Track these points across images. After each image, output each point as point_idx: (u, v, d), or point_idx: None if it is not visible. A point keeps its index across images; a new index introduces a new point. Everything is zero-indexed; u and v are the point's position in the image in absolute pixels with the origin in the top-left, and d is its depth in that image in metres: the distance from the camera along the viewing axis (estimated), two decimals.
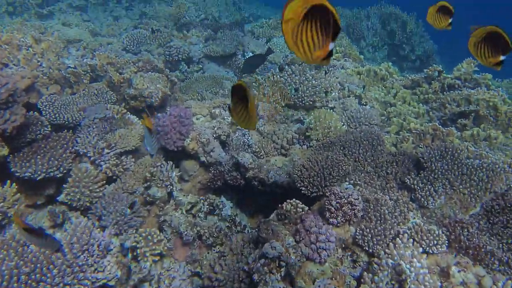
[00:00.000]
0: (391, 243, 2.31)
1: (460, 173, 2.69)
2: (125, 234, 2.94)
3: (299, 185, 2.85)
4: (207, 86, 4.80)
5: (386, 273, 2.17)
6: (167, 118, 3.16)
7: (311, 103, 4.13)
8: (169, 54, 5.32)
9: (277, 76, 4.19)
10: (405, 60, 9.00)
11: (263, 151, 3.37)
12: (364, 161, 2.99)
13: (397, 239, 2.31)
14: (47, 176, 3.12)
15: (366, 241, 2.36)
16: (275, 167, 3.25)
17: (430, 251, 2.27)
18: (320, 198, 2.87)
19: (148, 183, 3.19)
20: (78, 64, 3.89)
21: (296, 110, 4.14)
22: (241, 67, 4.30)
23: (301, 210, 2.61)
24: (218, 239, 3.12)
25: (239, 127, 3.57)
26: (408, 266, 2.14)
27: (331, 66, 4.64)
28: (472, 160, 2.76)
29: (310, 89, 4.10)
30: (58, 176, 3.17)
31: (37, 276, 2.54)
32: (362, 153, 3.02)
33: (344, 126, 3.51)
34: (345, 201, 2.43)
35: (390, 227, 2.42)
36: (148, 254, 2.85)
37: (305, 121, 3.83)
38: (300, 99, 4.10)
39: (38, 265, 2.57)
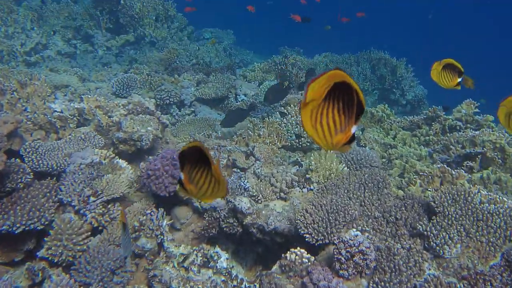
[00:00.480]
0: None
1: (476, 219, 2.52)
2: None
3: (302, 231, 2.64)
4: (199, 128, 4.67)
5: None
6: (158, 161, 2.98)
7: (308, 144, 4.01)
8: (160, 98, 5.23)
9: (273, 117, 4.10)
10: (395, 104, 9.09)
11: (261, 195, 3.19)
12: (371, 205, 2.81)
13: None
14: (26, 228, 2.86)
15: None
16: (275, 212, 3.05)
17: None
18: (325, 246, 2.66)
19: (137, 233, 2.94)
20: (65, 108, 3.75)
21: (293, 152, 4.01)
22: (264, 96, 4.25)
23: (307, 260, 2.39)
24: None
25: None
26: None
27: None
28: (486, 205, 2.60)
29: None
30: (39, 228, 2.92)
31: None
32: (368, 196, 2.86)
33: (346, 168, 3.37)
34: (356, 250, 2.22)
35: (406, 279, 2.20)
36: None
37: (302, 163, 3.68)
38: (297, 141, 3.98)
39: None
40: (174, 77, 5.76)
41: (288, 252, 2.47)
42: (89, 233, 3.00)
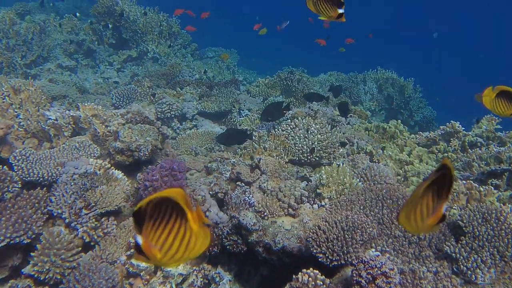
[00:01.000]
0: None
1: (511, 240, 2.28)
2: None
3: (315, 251, 2.39)
4: (201, 142, 4.47)
5: None
6: (157, 171, 2.76)
7: (317, 159, 3.80)
8: (161, 111, 5.06)
9: (280, 129, 3.90)
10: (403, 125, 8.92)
11: (267, 211, 2.95)
12: (391, 223, 2.57)
13: None
14: (11, 242, 2.63)
15: None
16: (283, 230, 2.80)
17: None
18: (341, 268, 2.41)
19: (132, 250, 2.69)
20: (60, 116, 3.56)
21: (301, 167, 3.79)
22: (261, 114, 4.10)
23: (321, 283, 2.14)
24: None
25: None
26: None
27: (336, 121, 4.39)
28: None
29: (316, 144, 3.80)
30: (25, 242, 2.68)
31: None
32: (386, 213, 2.62)
33: (361, 182, 3.14)
34: (378, 272, 1.98)
35: None
36: None
37: (311, 179, 3.46)
38: (305, 155, 3.77)
39: None
40: (176, 90, 5.60)
41: (299, 273, 2.22)
42: (80, 248, 2.77)
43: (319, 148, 3.80)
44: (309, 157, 3.79)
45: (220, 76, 8.96)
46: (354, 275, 2.02)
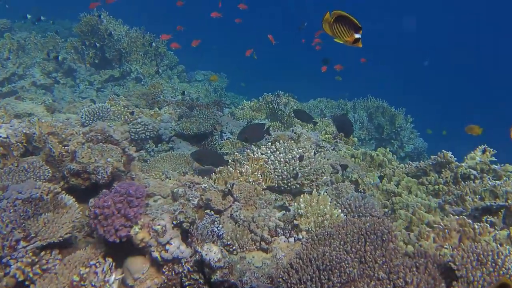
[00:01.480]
0: None
1: None
2: None
3: None
4: (175, 166, 4.15)
5: None
6: (109, 197, 2.43)
7: (298, 186, 3.50)
8: (135, 132, 4.76)
9: (259, 153, 3.61)
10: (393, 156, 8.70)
11: (237, 244, 2.61)
12: (374, 262, 2.25)
13: None
14: None
15: None
16: (253, 267, 2.46)
17: None
18: None
19: None
20: (12, 134, 3.24)
21: (280, 195, 3.49)
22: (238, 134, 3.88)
23: None
24: None
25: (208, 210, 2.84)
26: None
27: (321, 147, 4.12)
28: None
29: (298, 169, 3.50)
30: None
31: None
32: (369, 251, 2.30)
33: (342, 214, 2.83)
34: None
35: None
36: None
37: (291, 208, 3.15)
38: (285, 181, 3.47)
39: None
40: (154, 110, 5.33)
41: None
42: None
43: (300, 174, 3.50)
44: (289, 184, 3.49)
45: (206, 99, 8.75)
46: None
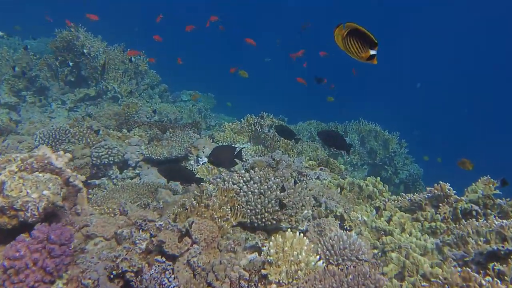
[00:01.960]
0: None
1: None
2: None
3: None
4: (136, 196, 3.70)
5: None
6: (24, 245, 1.97)
7: (274, 222, 3.06)
8: (97, 156, 4.32)
9: (230, 182, 3.19)
10: (387, 183, 8.29)
11: None
12: None
13: None
14: None
15: None
16: None
17: None
18: None
19: None
20: None
21: (252, 233, 3.04)
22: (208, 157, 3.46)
23: None
24: None
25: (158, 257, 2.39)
26: None
27: (303, 175, 3.70)
28: None
29: (274, 202, 3.07)
30: None
31: None
32: None
33: (321, 261, 2.39)
34: None
35: None
36: None
37: (263, 249, 2.70)
38: (259, 216, 3.04)
39: None
40: (121, 132, 4.90)
41: None
42: None
43: (276, 208, 3.07)
44: (264, 220, 3.05)
45: (189, 120, 8.36)
46: None
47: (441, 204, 3.10)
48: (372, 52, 1.87)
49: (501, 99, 27.49)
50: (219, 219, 2.82)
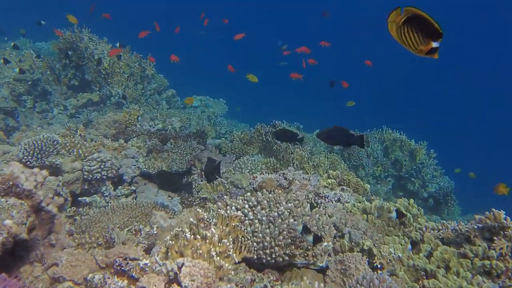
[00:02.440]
0: None
1: None
2: None
3: None
4: (126, 220, 3.23)
5: None
6: None
7: (287, 258, 2.55)
8: (88, 171, 3.88)
9: (233, 207, 2.69)
10: (414, 196, 7.67)
11: None
12: None
13: None
14: None
15: None
16: None
17: None
18: None
19: None
20: None
21: (259, 272, 2.54)
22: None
23: None
24: None
25: None
26: None
27: (320, 197, 3.18)
28: None
29: (286, 232, 2.56)
30: None
31: None
32: None
33: None
34: None
35: None
36: None
37: None
38: (268, 251, 2.53)
39: None
40: (118, 142, 4.46)
41: None
42: None
43: (290, 240, 2.56)
44: (274, 255, 2.54)
45: (198, 127, 7.92)
46: None
47: (495, 238, 2.54)
48: (434, 45, 1.56)
49: None
50: (219, 256, 2.32)
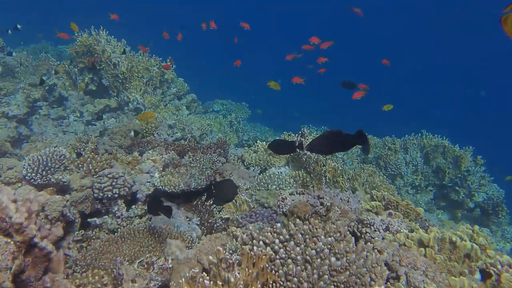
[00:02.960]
0: None
1: None
2: None
3: None
4: (139, 249, 2.83)
5: None
6: None
7: None
8: (99, 188, 3.53)
9: (261, 242, 2.25)
10: (459, 207, 7.05)
11: None
12: None
13: None
14: None
15: None
16: None
17: None
18: None
19: None
20: None
21: None
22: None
23: None
24: None
25: None
26: None
27: (364, 225, 2.69)
28: None
29: (328, 277, 2.10)
30: None
31: None
32: None
33: None
34: None
35: None
36: None
37: None
38: None
39: None
40: (132, 155, 4.10)
41: None
42: None
43: (332, 286, 2.10)
44: None
45: (220, 134, 7.54)
46: None
47: None
48: None
49: None
50: None
